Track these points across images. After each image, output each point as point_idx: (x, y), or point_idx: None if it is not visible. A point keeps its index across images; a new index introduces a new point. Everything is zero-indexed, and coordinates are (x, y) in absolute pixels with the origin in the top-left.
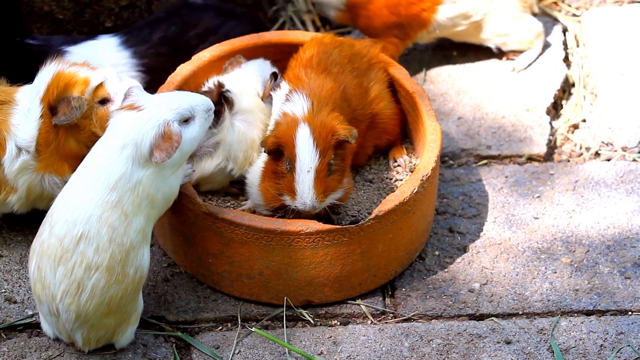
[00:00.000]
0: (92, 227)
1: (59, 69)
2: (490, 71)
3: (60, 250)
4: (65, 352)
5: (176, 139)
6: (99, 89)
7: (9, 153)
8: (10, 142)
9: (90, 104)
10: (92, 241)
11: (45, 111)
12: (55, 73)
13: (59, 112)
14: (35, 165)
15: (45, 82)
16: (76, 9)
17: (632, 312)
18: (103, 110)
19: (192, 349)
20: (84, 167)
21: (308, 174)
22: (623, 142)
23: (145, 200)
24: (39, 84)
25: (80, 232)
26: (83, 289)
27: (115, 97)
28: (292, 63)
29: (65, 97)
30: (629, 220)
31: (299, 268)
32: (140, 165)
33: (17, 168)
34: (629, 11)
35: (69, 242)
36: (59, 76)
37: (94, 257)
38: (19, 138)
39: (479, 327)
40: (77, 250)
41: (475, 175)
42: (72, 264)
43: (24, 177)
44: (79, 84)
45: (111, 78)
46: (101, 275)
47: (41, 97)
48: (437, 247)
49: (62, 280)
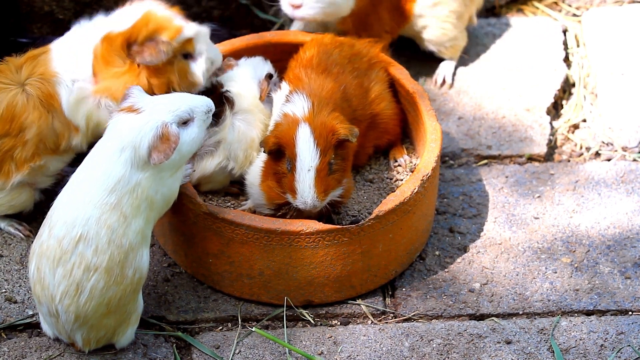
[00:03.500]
0: (91, 228)
1: (151, 9)
2: (490, 71)
3: (59, 251)
4: (65, 352)
5: (174, 140)
6: (188, 43)
7: (65, 89)
8: (62, 82)
9: (175, 53)
10: (91, 242)
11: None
12: (144, 12)
13: (144, 52)
14: (92, 89)
15: (128, 16)
16: (76, 8)
17: (632, 312)
18: (183, 64)
19: (192, 349)
20: (84, 168)
21: (309, 173)
22: (623, 142)
23: (145, 202)
24: (117, 17)
25: (79, 233)
26: (82, 290)
27: (198, 57)
28: (292, 63)
29: (155, 38)
30: (629, 220)
31: (299, 268)
32: (139, 167)
33: (75, 98)
34: (629, 11)
35: (68, 244)
36: (150, 16)
37: (92, 258)
38: (71, 71)
39: (480, 327)
40: (76, 251)
41: (476, 175)
42: (71, 265)
43: (83, 108)
44: (171, 30)
45: (202, 37)
46: (100, 276)
47: (115, 31)
48: (437, 247)
49: (61, 281)
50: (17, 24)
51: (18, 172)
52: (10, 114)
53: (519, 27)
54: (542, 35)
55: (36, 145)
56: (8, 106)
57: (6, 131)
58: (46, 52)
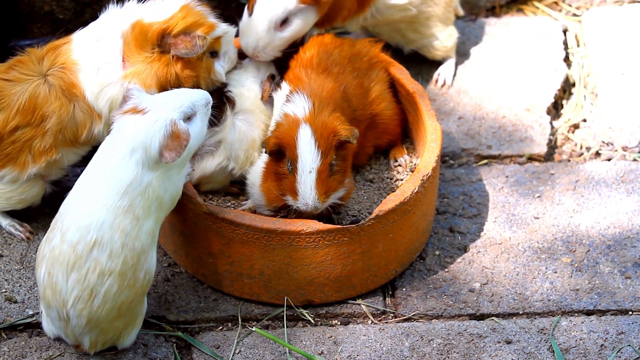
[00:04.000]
0: (106, 233)
1: (189, 3)
2: (490, 71)
3: (74, 256)
4: (65, 352)
5: (184, 137)
6: (217, 41)
7: (87, 76)
8: (84, 69)
9: (206, 50)
10: (106, 247)
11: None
12: (182, 6)
13: (179, 44)
14: (120, 74)
15: (164, 7)
16: (76, 8)
17: (632, 312)
18: (209, 62)
19: (192, 348)
20: (92, 172)
21: (310, 174)
22: (623, 142)
23: (155, 203)
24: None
25: (94, 238)
26: (96, 295)
27: (222, 56)
28: (293, 63)
29: (190, 32)
30: (629, 220)
31: (299, 268)
32: (150, 168)
33: (100, 84)
34: (629, 11)
35: (83, 249)
36: (189, 10)
37: (107, 263)
38: (95, 58)
39: (480, 326)
40: (91, 256)
41: (476, 175)
42: (86, 270)
43: (107, 93)
44: (206, 26)
45: (230, 37)
46: (114, 280)
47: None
48: (437, 246)
49: (74, 286)
50: (17, 23)
51: (35, 164)
52: (32, 105)
53: (519, 27)
54: (542, 35)
55: (55, 136)
56: (30, 97)
57: (27, 121)
58: (68, 42)
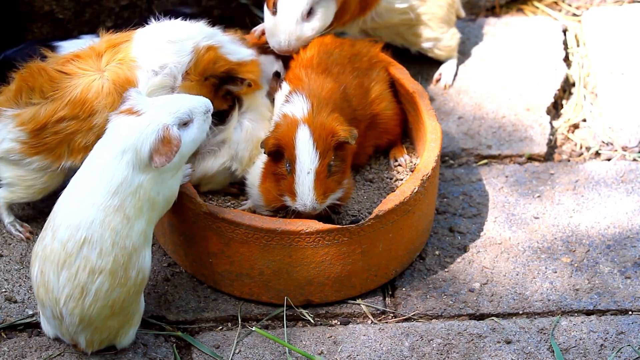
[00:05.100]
0: (95, 231)
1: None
2: (490, 71)
3: (64, 254)
4: (65, 352)
5: (175, 143)
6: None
7: (145, 74)
8: (143, 67)
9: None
10: (96, 245)
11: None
12: (252, 60)
13: (234, 88)
14: (182, 84)
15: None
16: (76, 8)
17: (632, 312)
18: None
19: (192, 348)
20: (84, 171)
21: (308, 175)
22: (623, 142)
23: (147, 204)
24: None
25: (84, 236)
26: (87, 293)
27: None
28: (293, 63)
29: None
30: (629, 219)
31: (299, 268)
32: (141, 170)
33: (158, 83)
34: (629, 11)
35: (72, 247)
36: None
37: (97, 261)
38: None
39: (479, 326)
40: (81, 254)
41: (476, 174)
42: (76, 268)
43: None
44: (255, 73)
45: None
46: (105, 278)
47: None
48: (437, 246)
49: (65, 284)
50: (17, 23)
51: (70, 159)
52: (83, 98)
53: (519, 27)
54: (542, 35)
55: (98, 135)
56: (83, 91)
57: (75, 114)
58: (128, 40)
